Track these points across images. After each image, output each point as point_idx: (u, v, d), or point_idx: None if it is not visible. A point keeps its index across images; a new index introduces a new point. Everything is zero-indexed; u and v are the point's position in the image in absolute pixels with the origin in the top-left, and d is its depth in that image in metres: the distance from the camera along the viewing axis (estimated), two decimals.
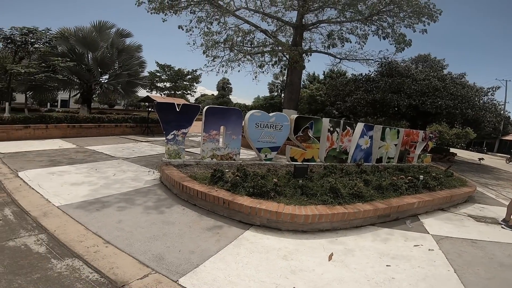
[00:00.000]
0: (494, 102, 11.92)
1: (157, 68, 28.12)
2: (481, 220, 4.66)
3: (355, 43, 11.10)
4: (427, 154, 9.34)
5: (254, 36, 10.12)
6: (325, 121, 6.70)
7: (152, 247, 2.81)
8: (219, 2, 10.37)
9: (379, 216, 3.80)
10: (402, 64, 13.42)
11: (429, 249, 3.23)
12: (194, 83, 31.06)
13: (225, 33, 10.08)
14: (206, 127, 5.66)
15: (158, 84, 29.45)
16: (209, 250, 2.83)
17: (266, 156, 6.17)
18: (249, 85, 55.45)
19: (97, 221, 3.32)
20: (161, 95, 30.08)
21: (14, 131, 9.19)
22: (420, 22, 9.70)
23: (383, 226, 3.83)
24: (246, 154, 8.10)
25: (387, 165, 6.40)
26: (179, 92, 30.62)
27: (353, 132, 7.26)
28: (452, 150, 17.53)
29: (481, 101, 11.47)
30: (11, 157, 6.49)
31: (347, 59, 12.44)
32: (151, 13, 10.12)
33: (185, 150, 8.73)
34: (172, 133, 5.59)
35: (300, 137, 6.38)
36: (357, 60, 12.36)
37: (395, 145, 8.13)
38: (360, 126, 7.24)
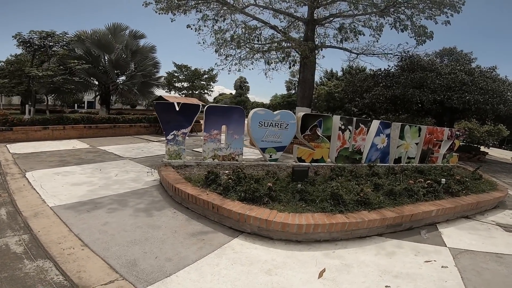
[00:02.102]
0: None
1: (175, 69, 28.54)
2: (511, 230, 4.05)
3: (370, 35, 10.40)
4: (454, 154, 8.53)
5: (261, 32, 9.76)
6: (336, 119, 6.25)
7: (129, 252, 2.72)
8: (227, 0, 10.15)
9: (388, 225, 3.35)
10: (425, 58, 12.45)
11: (442, 266, 2.75)
12: (211, 83, 31.21)
13: (233, 30, 9.82)
14: (207, 126, 5.47)
15: (176, 84, 29.90)
16: (188, 259, 2.67)
17: (271, 157, 5.85)
18: (267, 84, 55.17)
19: (83, 223, 3.27)
20: (180, 95, 30.58)
21: (33, 132, 9.59)
22: (442, 14, 8.85)
23: (392, 236, 3.37)
24: (254, 154, 7.83)
25: (405, 167, 5.83)
26: (197, 91, 30.92)
27: (367, 131, 6.73)
28: (483, 148, 16.17)
29: None
30: (25, 158, 6.72)
31: (364, 54, 11.74)
32: (159, 14, 10.10)
33: (193, 150, 8.73)
34: (172, 133, 5.46)
35: (308, 136, 5.99)
36: (374, 54, 11.61)
37: (416, 144, 7.47)
38: (375, 124, 6.70)
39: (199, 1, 10.49)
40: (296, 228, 2.96)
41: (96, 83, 13.91)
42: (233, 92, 50.74)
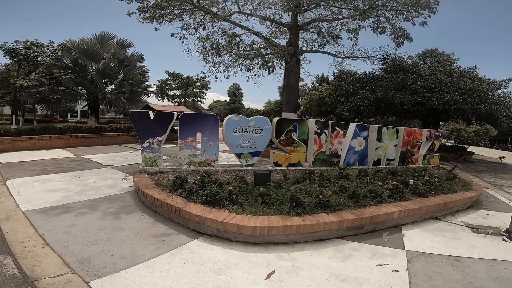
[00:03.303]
0: (511, 95, 10.85)
1: (167, 77, 28.68)
2: (480, 231, 4.05)
3: (348, 39, 10.58)
4: (435, 155, 8.63)
5: (241, 39, 9.90)
6: (311, 123, 6.34)
7: (86, 250, 2.87)
8: (211, 8, 10.31)
9: (349, 228, 3.38)
10: (408, 60, 12.66)
11: (393, 270, 2.73)
12: (204, 90, 31.37)
13: (213, 38, 9.94)
14: (181, 134, 5.55)
15: (169, 92, 30.02)
16: (143, 257, 2.79)
17: (247, 162, 5.90)
18: (261, 90, 55.58)
19: (50, 225, 3.43)
20: (172, 103, 30.66)
21: (19, 142, 9.65)
22: (419, 15, 9.05)
23: (353, 239, 3.39)
24: (234, 160, 7.88)
25: (378, 169, 5.90)
26: (189, 99, 31.04)
27: (344, 134, 6.82)
28: (472, 148, 16.30)
29: (495, 95, 10.46)
30: (8, 167, 6.83)
31: (348, 58, 11.93)
32: (143, 23, 10.23)
33: (177, 157, 8.76)
34: (147, 141, 5.54)
35: (283, 141, 6.06)
36: (358, 58, 11.80)
37: (395, 145, 7.56)
38: (352, 127, 6.79)
39: (185, 10, 10.66)
40: (250, 230, 3.02)
41: (82, 92, 13.95)
42: (228, 99, 51.01)
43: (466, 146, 14.95)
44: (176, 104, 29.11)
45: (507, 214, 4.95)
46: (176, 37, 10.67)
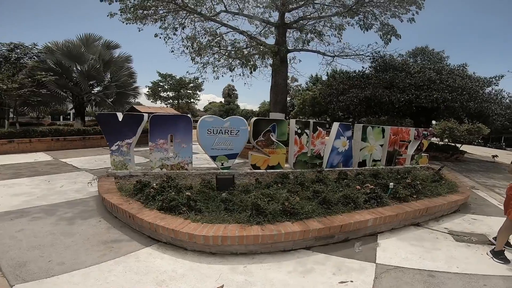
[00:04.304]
0: (503, 93, 10.65)
1: (159, 78, 28.35)
2: (463, 239, 3.71)
3: (332, 36, 10.34)
4: (423, 154, 8.39)
5: (222, 38, 9.63)
6: (291, 123, 6.07)
7: (26, 255, 2.77)
8: (197, 8, 10.04)
9: (317, 238, 3.08)
10: (398, 59, 12.45)
11: None
12: (198, 91, 31.04)
13: (194, 39, 9.65)
14: (152, 136, 5.28)
15: (162, 94, 29.69)
16: (82, 264, 2.66)
17: (222, 165, 5.62)
18: (257, 91, 55.30)
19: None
20: (166, 105, 30.35)
21: None
22: (406, 11, 8.84)
23: (322, 250, 3.07)
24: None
25: (359, 171, 5.64)
26: (183, 101, 30.73)
27: (326, 134, 6.56)
28: (465, 147, 16.10)
29: (485, 92, 10.23)
30: None
31: (338, 56, 11.70)
32: (126, 24, 9.95)
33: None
34: (116, 144, 5.27)
35: (261, 142, 5.79)
36: (347, 56, 11.59)
37: (381, 145, 7.30)
38: (335, 126, 6.53)
39: (170, 10, 10.39)
40: (202, 239, 2.76)
41: (70, 94, 13.64)
42: (223, 100, 50.73)
43: (458, 145, 14.76)
44: (169, 105, 28.79)
45: (496, 218, 4.67)
46: (160, 37, 10.39)
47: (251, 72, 9.63)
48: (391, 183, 4.44)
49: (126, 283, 2.37)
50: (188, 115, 5.74)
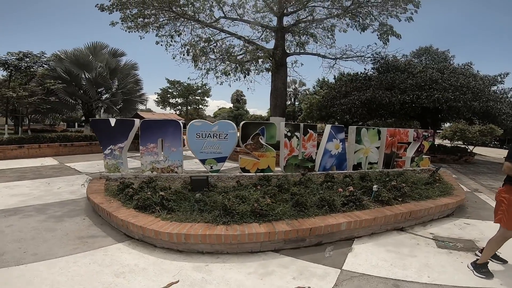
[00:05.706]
0: (511, 92, 10.17)
1: (168, 85, 29.02)
2: (447, 245, 3.48)
3: (325, 37, 10.27)
4: (424, 156, 8.14)
5: (217, 44, 9.79)
6: (281, 126, 6.08)
7: (6, 246, 2.98)
8: (196, 15, 10.29)
9: (286, 240, 3.05)
10: (402, 59, 12.21)
11: None
12: (206, 97, 31.53)
13: (189, 46, 9.85)
14: (142, 140, 5.44)
15: (171, 101, 30.34)
16: (54, 255, 2.84)
17: (212, 168, 5.69)
18: (265, 96, 55.48)
19: None
20: (174, 111, 30.94)
21: (10, 151, 9.93)
22: (404, 11, 8.70)
23: (290, 253, 3.02)
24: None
25: (347, 173, 5.56)
26: (191, 107, 31.26)
27: (318, 136, 6.52)
28: (478, 149, 15.50)
29: (490, 91, 9.82)
30: None
31: (339, 58, 11.62)
32: (129, 32, 10.32)
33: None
34: (109, 148, 5.48)
35: (250, 146, 5.82)
36: (349, 58, 11.49)
37: (377, 148, 7.16)
38: (327, 129, 6.47)
39: (171, 17, 10.69)
40: (167, 236, 2.87)
41: (80, 101, 14.21)
42: (232, 106, 51.20)
43: (471, 147, 14.22)
44: (177, 112, 29.35)
45: (490, 223, 4.19)
46: (161, 45, 10.69)
47: (245, 77, 9.73)
48: (375, 186, 4.34)
49: (85, 273, 2.53)
50: (181, 121, 5.88)
